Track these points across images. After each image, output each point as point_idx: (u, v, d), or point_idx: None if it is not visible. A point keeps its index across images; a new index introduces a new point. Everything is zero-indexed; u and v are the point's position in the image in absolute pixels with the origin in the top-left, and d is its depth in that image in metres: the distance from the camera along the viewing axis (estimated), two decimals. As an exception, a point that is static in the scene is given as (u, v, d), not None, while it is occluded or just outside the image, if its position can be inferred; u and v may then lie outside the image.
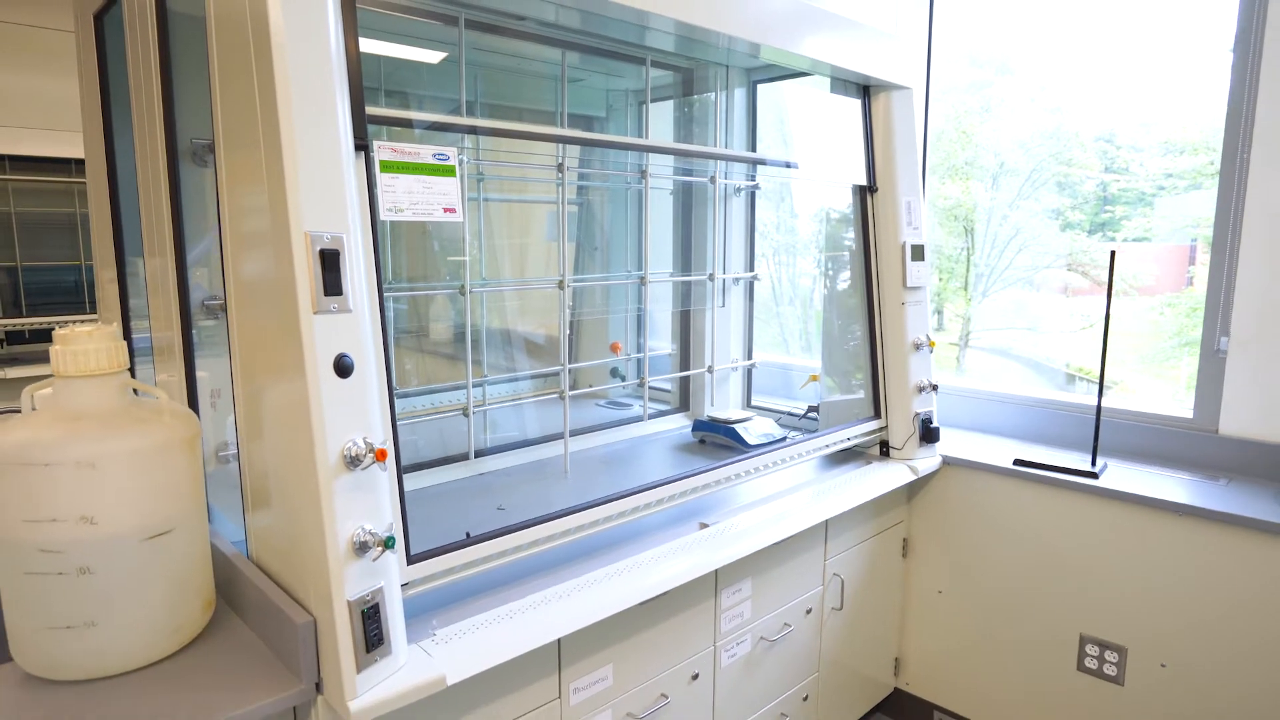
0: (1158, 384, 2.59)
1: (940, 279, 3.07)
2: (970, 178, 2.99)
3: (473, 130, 1.84)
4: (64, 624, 1.15)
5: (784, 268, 3.12)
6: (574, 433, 2.23)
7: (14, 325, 3.62)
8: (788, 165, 2.33)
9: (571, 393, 2.13)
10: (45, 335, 3.76)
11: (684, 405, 2.69)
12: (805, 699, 2.18)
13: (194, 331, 1.57)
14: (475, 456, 2.04)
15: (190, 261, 1.54)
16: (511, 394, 2.36)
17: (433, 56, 2.05)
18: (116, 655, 1.18)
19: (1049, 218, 2.80)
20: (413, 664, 1.22)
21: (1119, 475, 2.15)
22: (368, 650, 1.15)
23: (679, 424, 2.58)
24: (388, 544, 1.15)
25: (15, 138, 3.42)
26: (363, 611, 1.14)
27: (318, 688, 1.18)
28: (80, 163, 3.88)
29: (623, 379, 2.66)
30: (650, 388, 2.52)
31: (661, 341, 2.74)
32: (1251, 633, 1.91)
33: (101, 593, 1.15)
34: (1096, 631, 2.15)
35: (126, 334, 1.91)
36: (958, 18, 2.75)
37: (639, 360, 2.52)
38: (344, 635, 1.13)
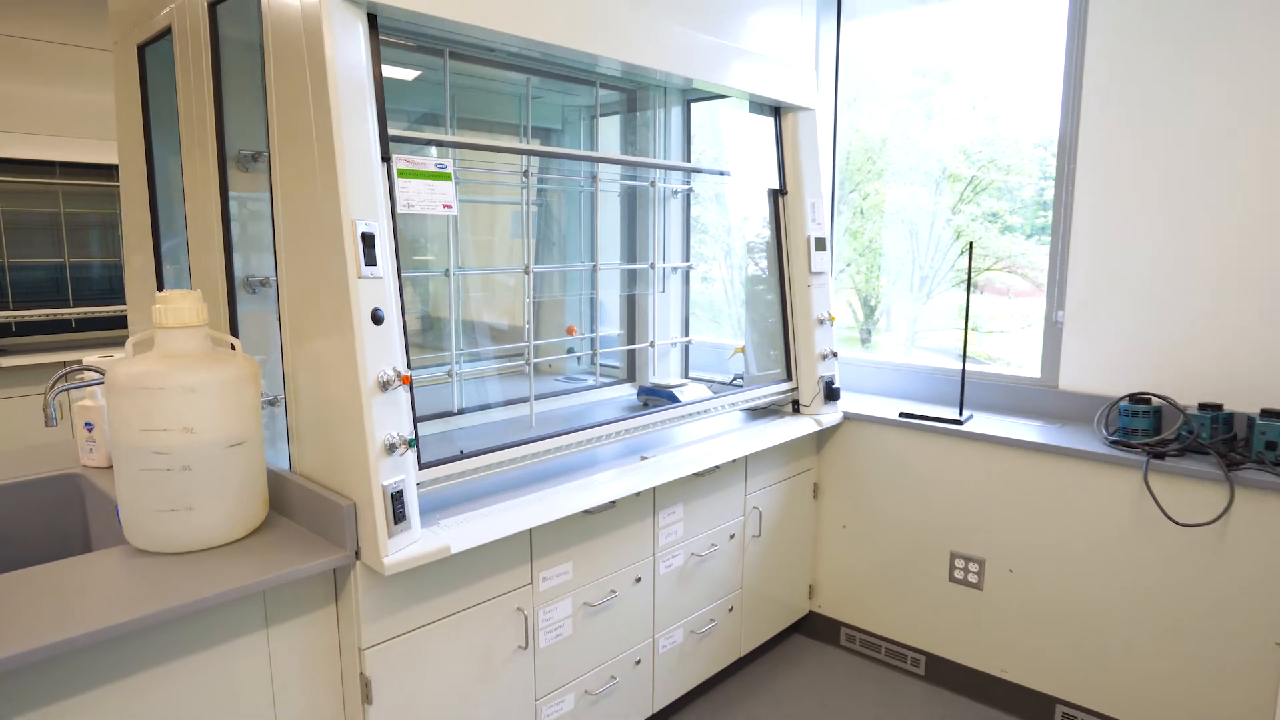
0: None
1: (888, 280, 3.49)
2: (914, 183, 3.36)
3: (457, 145, 2.28)
4: (169, 508, 1.56)
5: (713, 261, 3.60)
6: (536, 398, 2.67)
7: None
8: (715, 172, 2.80)
9: (535, 359, 2.57)
10: (30, 328, 4.11)
11: (630, 376, 3.16)
12: (730, 610, 2.66)
13: (237, 302, 1.99)
14: (457, 413, 2.47)
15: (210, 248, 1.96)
16: (483, 370, 2.79)
17: (409, 74, 2.48)
18: (206, 533, 1.60)
19: (988, 221, 3.14)
20: (425, 538, 1.66)
21: (981, 423, 2.67)
22: (395, 523, 1.59)
23: (626, 391, 3.04)
24: (410, 444, 1.59)
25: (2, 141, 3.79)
26: (392, 494, 1.58)
27: (356, 555, 1.62)
28: (65, 165, 4.24)
29: (578, 358, 3.11)
30: (601, 364, 2.97)
31: (611, 328, 3.19)
32: (1077, 539, 2.44)
33: (197, 485, 1.57)
34: (962, 548, 2.67)
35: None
36: (902, 29, 3.19)
37: (591, 339, 2.98)
38: (380, 511, 1.56)
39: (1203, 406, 2.34)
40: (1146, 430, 2.38)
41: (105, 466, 2.21)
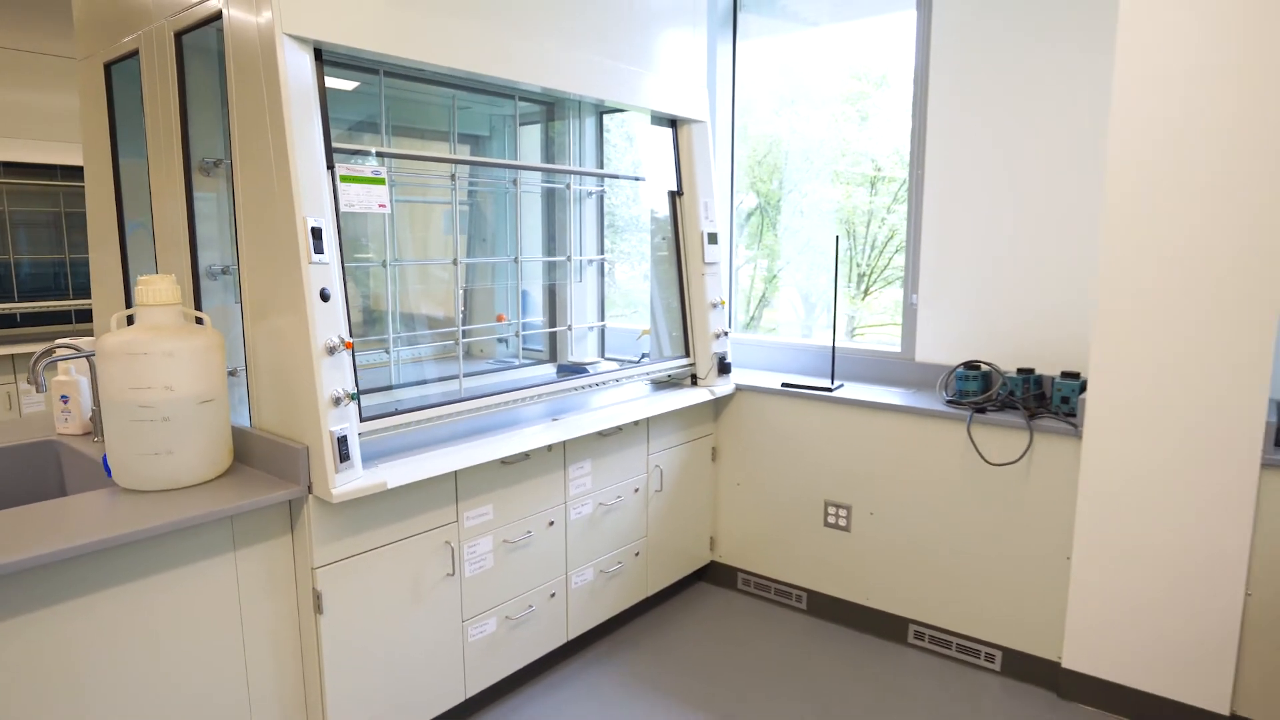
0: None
1: (825, 277, 3.81)
2: (850, 182, 3.69)
3: (392, 155, 2.64)
4: (152, 452, 1.91)
5: (628, 254, 4.02)
6: (466, 375, 3.04)
7: (8, 309, 4.30)
8: (618, 176, 3.21)
9: (467, 344, 2.95)
10: (34, 318, 4.42)
11: (552, 357, 3.55)
12: (637, 555, 3.08)
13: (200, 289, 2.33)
14: (393, 387, 2.84)
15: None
16: (416, 354, 3.16)
17: (349, 85, 2.83)
18: (183, 473, 1.95)
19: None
20: (366, 475, 2.04)
21: (850, 390, 3.13)
22: (341, 462, 1.96)
23: (547, 369, 3.43)
24: (353, 397, 1.97)
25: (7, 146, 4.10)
26: (338, 438, 1.95)
27: (309, 489, 1.99)
28: (65, 169, 4.49)
29: (505, 341, 3.49)
30: (526, 348, 3.36)
31: (536, 315, 3.58)
32: (921, 483, 2.91)
33: (176, 433, 1.92)
34: (833, 497, 3.13)
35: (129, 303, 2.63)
36: (840, 36, 3.60)
37: (517, 325, 3.36)
38: (328, 452, 1.94)
39: (1020, 371, 2.84)
40: (975, 391, 2.87)
41: (79, 434, 2.52)
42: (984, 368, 2.92)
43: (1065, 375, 2.72)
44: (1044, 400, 2.80)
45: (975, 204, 3.00)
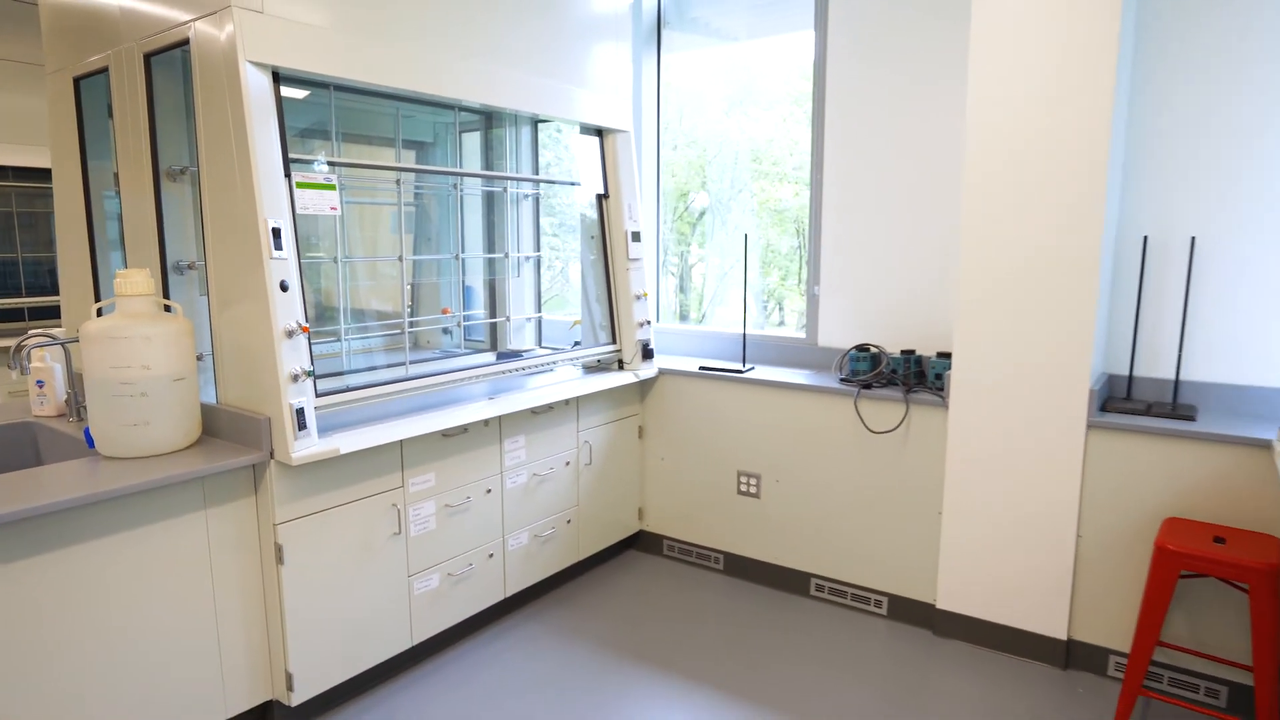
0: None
1: (779, 278, 4.16)
2: (798, 181, 3.94)
3: (342, 164, 2.93)
4: (131, 423, 2.19)
5: (564, 251, 4.35)
6: (412, 362, 3.35)
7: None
8: (553, 182, 3.54)
9: (415, 335, 3.25)
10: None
11: (493, 346, 3.87)
12: (569, 522, 3.42)
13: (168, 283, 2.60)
14: (346, 373, 3.13)
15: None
16: (368, 345, 3.45)
17: (302, 93, 3.11)
18: (158, 442, 2.24)
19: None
20: (321, 443, 2.34)
21: (760, 372, 3.51)
22: (299, 430, 2.26)
23: (488, 356, 3.74)
24: (309, 374, 2.27)
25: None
26: (296, 410, 2.26)
27: (271, 454, 2.28)
28: (15, 170, 4.68)
29: (449, 332, 3.80)
30: (470, 339, 3.68)
31: (479, 308, 3.89)
32: (817, 452, 3.30)
33: (152, 407, 2.20)
34: (745, 467, 3.51)
35: (98, 295, 2.89)
36: (757, 51, 4.00)
37: (459, 316, 3.67)
38: (288, 422, 2.24)
39: (903, 352, 3.24)
40: (865, 370, 3.27)
41: (54, 415, 2.78)
42: (873, 350, 3.32)
43: (940, 355, 3.14)
44: (923, 377, 3.20)
45: (866, 207, 3.40)
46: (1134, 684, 2.37)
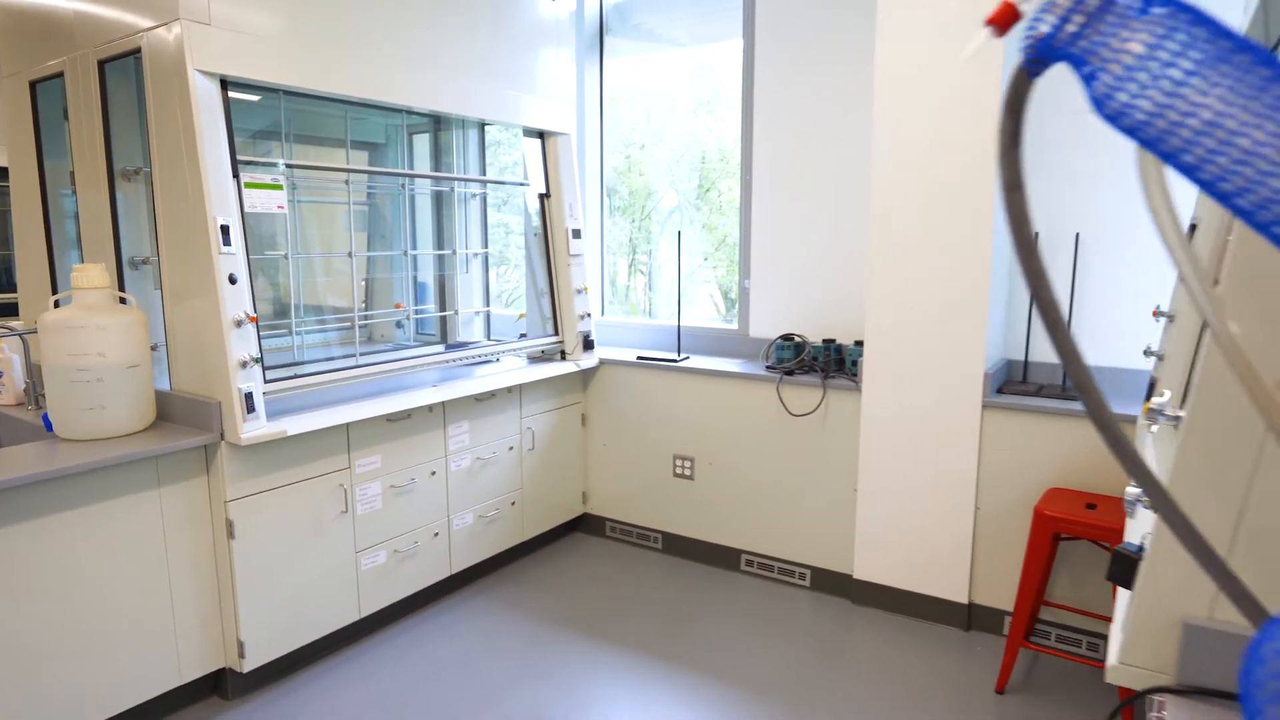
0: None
1: (733, 271, 4.37)
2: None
3: (290, 166, 3.09)
4: (88, 407, 2.35)
5: (507, 248, 4.53)
6: (364, 353, 3.52)
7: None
8: (501, 183, 3.72)
9: (368, 332, 3.42)
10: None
11: (444, 339, 4.04)
12: (513, 504, 3.61)
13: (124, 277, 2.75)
14: (299, 364, 3.28)
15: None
16: (323, 339, 3.61)
17: (254, 97, 3.27)
18: (114, 425, 2.39)
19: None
20: (269, 425, 2.51)
21: (695, 361, 3.72)
22: (248, 413, 2.43)
23: (437, 348, 3.92)
24: (257, 360, 2.44)
25: None
26: (245, 394, 2.42)
27: (221, 436, 2.45)
28: None
29: (401, 324, 3.96)
30: (422, 333, 3.85)
31: (430, 303, 4.06)
32: (746, 435, 3.52)
33: (108, 392, 2.36)
34: (680, 450, 3.73)
35: (55, 289, 3.02)
36: (698, 57, 4.25)
37: (410, 310, 3.84)
38: (237, 405, 2.41)
39: (824, 341, 3.47)
40: (790, 358, 3.50)
41: (13, 404, 2.91)
42: (797, 339, 3.55)
43: (857, 343, 3.37)
44: (841, 364, 3.44)
45: (791, 206, 3.63)
46: (1016, 639, 2.62)
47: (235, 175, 2.49)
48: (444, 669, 2.84)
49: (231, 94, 2.53)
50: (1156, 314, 1.96)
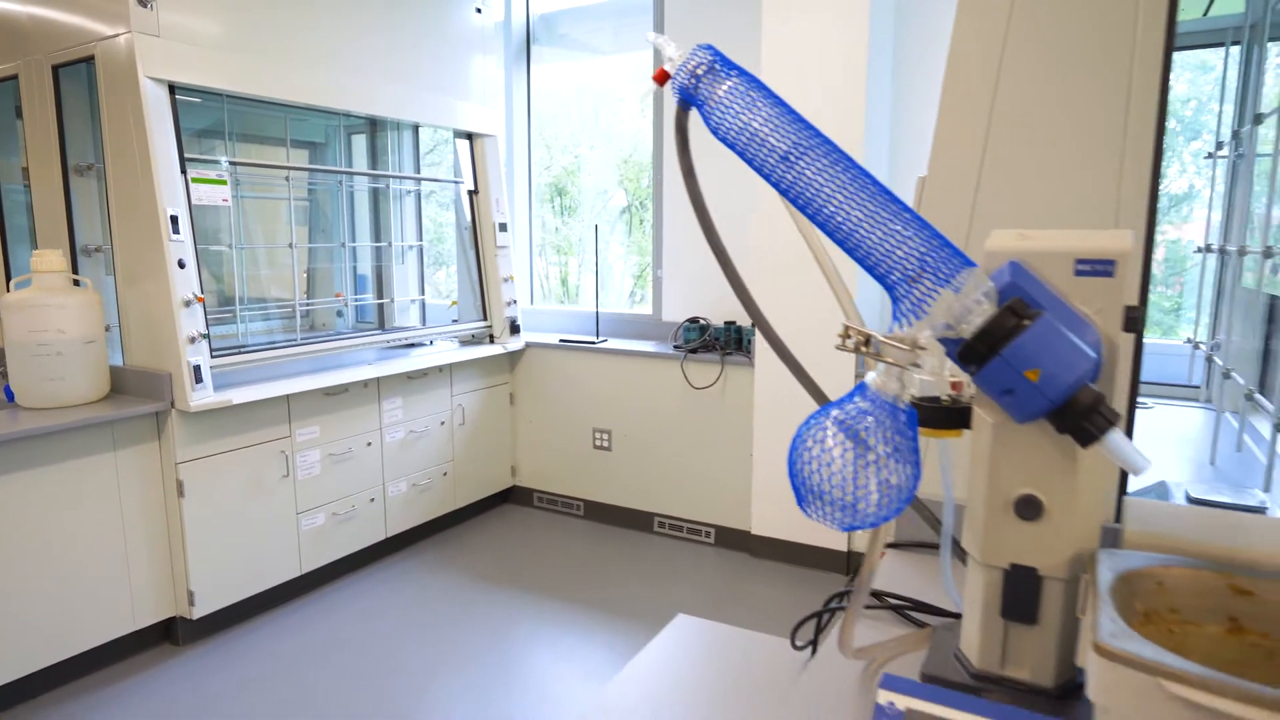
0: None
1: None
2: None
3: (234, 164, 3.37)
4: (49, 379, 2.62)
5: (441, 240, 4.84)
6: (305, 340, 3.81)
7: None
8: (436, 180, 4.04)
9: (311, 320, 3.71)
10: None
11: (381, 324, 4.34)
12: (445, 474, 3.94)
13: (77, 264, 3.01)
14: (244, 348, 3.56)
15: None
16: (267, 327, 3.88)
17: (197, 99, 3.54)
18: (72, 395, 2.67)
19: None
20: (216, 395, 2.81)
21: (611, 343, 4.09)
22: (196, 383, 2.72)
23: (375, 332, 4.22)
24: (205, 336, 2.74)
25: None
26: (194, 366, 2.72)
27: (172, 404, 2.74)
28: None
29: (340, 313, 4.26)
30: (362, 320, 4.15)
31: (369, 294, 4.35)
32: (656, 407, 3.90)
33: (66, 365, 2.63)
34: (599, 424, 4.09)
35: (8, 275, 3.27)
36: (625, 63, 4.60)
37: (348, 298, 4.14)
38: (187, 377, 2.70)
39: (726, 323, 3.87)
40: (695, 339, 3.88)
41: (-27, 383, 3.14)
42: (701, 321, 3.94)
43: (751, 326, 3.77)
44: (740, 342, 3.84)
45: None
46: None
47: (183, 171, 2.78)
48: (379, 618, 3.16)
49: (180, 96, 2.82)
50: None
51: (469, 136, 4.10)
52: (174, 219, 2.69)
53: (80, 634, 2.64)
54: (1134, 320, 0.77)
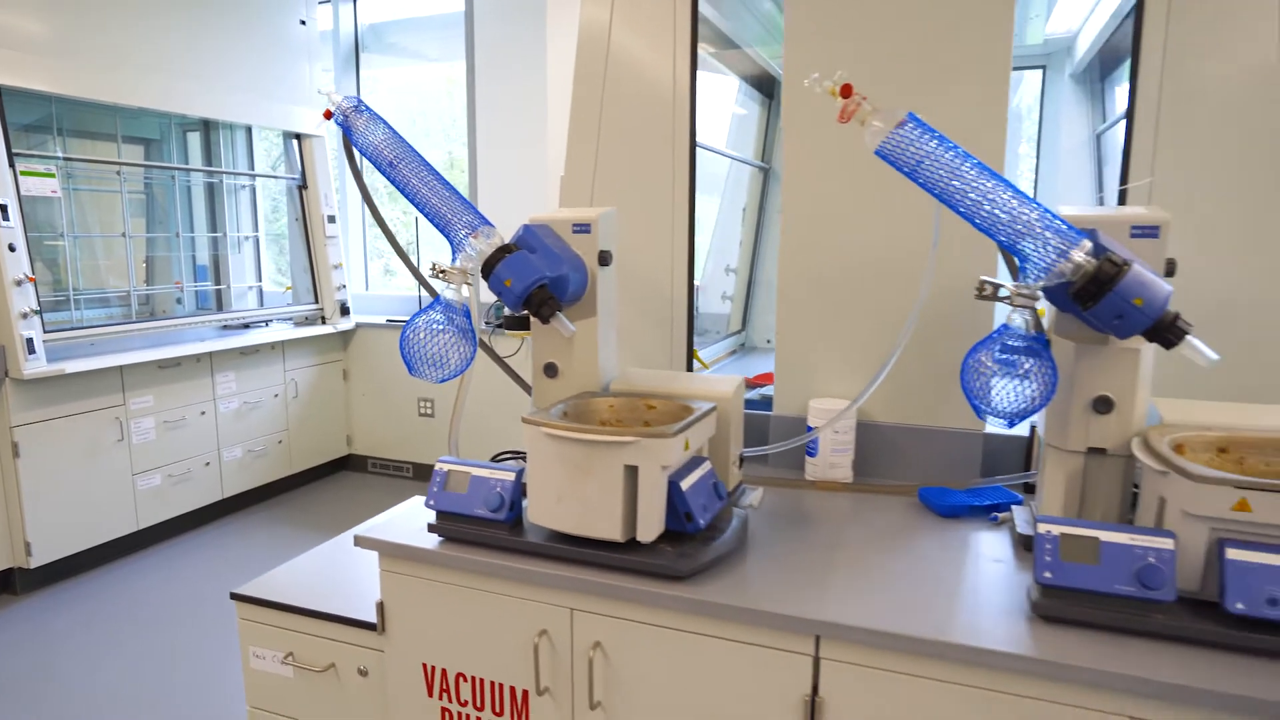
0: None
1: None
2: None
3: (66, 159, 3.67)
4: (-114, 351, 2.91)
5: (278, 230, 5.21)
6: (142, 320, 4.12)
7: None
8: (271, 176, 4.42)
9: (152, 309, 4.03)
10: None
11: (220, 309, 4.68)
12: (280, 442, 4.34)
13: (-90, 249, 3.27)
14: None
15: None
16: (107, 314, 4.17)
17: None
18: (-91, 366, 2.97)
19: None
20: (50, 366, 3.15)
21: (435, 323, 4.58)
22: (29, 354, 3.07)
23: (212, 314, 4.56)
24: (36, 313, 3.09)
25: None
26: (26, 339, 3.06)
27: (6, 374, 3.07)
28: None
29: (179, 300, 4.57)
30: (201, 307, 4.49)
31: (208, 282, 4.68)
32: (474, 374, 4.43)
33: (-97, 339, 2.93)
34: (424, 394, 4.58)
35: None
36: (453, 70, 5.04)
37: (192, 287, 4.46)
38: (20, 349, 3.04)
39: (533, 303, 4.43)
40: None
41: None
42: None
43: (555, 303, 4.36)
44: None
45: (506, 194, 4.57)
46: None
47: (11, 165, 3.11)
48: (210, 572, 3.57)
49: (6, 94, 3.14)
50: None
51: (297, 137, 4.51)
52: (3, 208, 3.03)
53: (-78, 581, 2.95)
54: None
